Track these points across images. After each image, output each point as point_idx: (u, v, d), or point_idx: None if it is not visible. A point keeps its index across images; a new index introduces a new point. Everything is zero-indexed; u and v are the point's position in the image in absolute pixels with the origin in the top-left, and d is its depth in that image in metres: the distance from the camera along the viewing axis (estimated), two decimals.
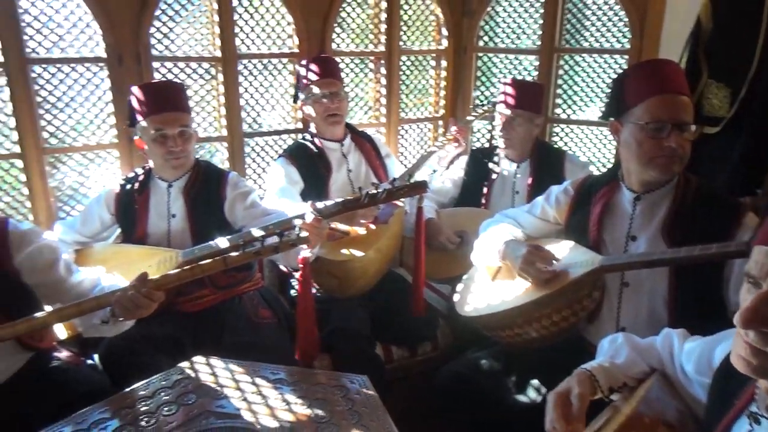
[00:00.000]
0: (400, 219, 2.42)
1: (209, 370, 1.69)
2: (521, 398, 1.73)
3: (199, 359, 1.73)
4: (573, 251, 1.78)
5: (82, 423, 1.46)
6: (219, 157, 2.98)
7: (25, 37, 2.44)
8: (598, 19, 3.08)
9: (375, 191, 1.98)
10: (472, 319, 1.88)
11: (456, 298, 1.99)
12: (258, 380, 1.63)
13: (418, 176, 2.68)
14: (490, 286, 1.93)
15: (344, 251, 2.25)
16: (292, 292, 2.51)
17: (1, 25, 2.37)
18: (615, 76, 3.01)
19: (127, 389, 1.60)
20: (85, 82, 2.62)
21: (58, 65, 2.53)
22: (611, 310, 1.73)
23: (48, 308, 1.86)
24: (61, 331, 2.11)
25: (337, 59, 2.89)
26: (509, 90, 2.64)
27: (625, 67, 3.01)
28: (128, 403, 1.54)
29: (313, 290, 2.06)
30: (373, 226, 2.30)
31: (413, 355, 2.46)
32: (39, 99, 2.53)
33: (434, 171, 2.92)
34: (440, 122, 3.47)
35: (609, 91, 1.89)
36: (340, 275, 2.24)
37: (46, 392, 1.71)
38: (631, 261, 1.64)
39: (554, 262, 1.76)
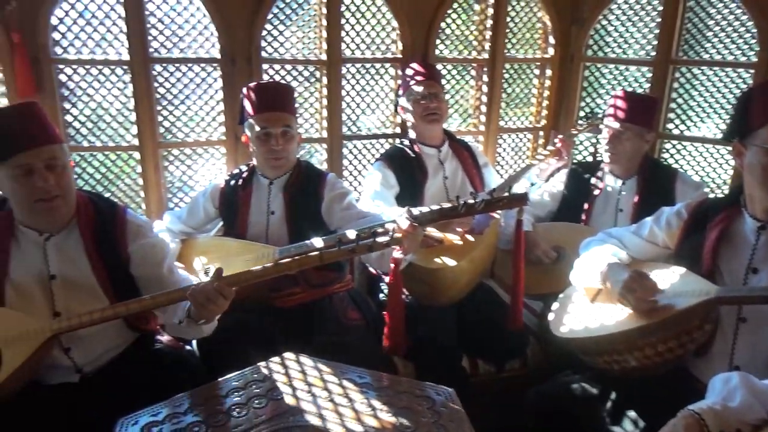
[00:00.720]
0: (495, 230, 2.36)
1: (298, 367, 1.71)
2: (616, 430, 1.63)
3: (289, 356, 1.76)
4: (683, 278, 1.66)
5: (179, 406, 1.53)
6: (317, 158, 3.05)
7: (149, 38, 2.60)
8: (722, 30, 2.87)
9: (473, 201, 1.94)
10: (568, 341, 1.79)
11: (551, 317, 1.91)
12: (345, 382, 1.63)
13: (517, 188, 2.61)
14: (588, 307, 1.83)
15: (437, 259, 2.22)
16: (381, 296, 2.51)
17: (130, 26, 2.54)
18: (737, 91, 2.82)
19: (221, 378, 1.65)
20: (200, 81, 2.75)
21: (177, 64, 2.68)
22: (724, 346, 1.59)
23: None
24: None
25: (439, 66, 2.87)
26: (620, 102, 2.51)
27: (750, 82, 2.78)
28: (221, 393, 1.59)
29: (402, 295, 2.04)
30: (469, 237, 2.26)
31: (500, 371, 2.39)
32: (157, 96, 2.70)
33: (533, 183, 2.83)
34: (541, 133, 3.37)
35: (732, 109, 1.73)
36: (430, 283, 2.21)
37: (147, 372, 1.81)
38: (752, 295, 1.50)
39: (657, 293, 1.64)
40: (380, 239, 1.68)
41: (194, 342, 2.10)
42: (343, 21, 2.83)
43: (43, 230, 1.77)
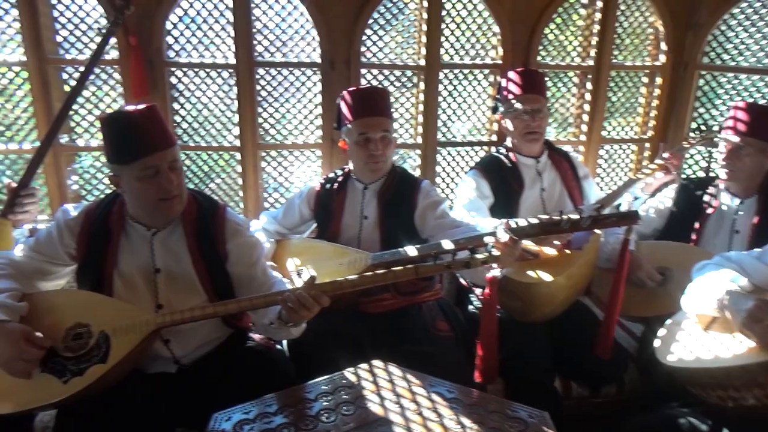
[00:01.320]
0: (595, 246, 2.23)
1: (386, 376, 1.69)
2: None
3: (378, 364, 1.75)
4: None
5: (270, 406, 1.55)
6: (410, 164, 3.03)
7: (254, 42, 2.68)
8: None
9: (578, 217, 1.85)
10: (675, 370, 1.66)
11: (657, 343, 1.78)
12: (434, 396, 1.59)
13: (621, 203, 2.46)
14: (701, 336, 1.69)
15: (531, 273, 2.13)
16: (470, 308, 2.45)
17: (237, 31, 2.63)
18: None
19: (311, 382, 1.66)
20: (299, 85, 2.82)
21: (279, 68, 2.76)
22: None
23: None
24: None
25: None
26: (741, 114, 2.31)
27: None
28: (310, 396, 1.60)
29: (497, 316, 1.97)
30: (567, 251, 2.15)
31: (595, 396, 2.26)
32: (259, 98, 2.78)
33: (637, 198, 2.66)
34: (647, 145, 3.18)
35: None
36: (524, 298, 2.13)
37: (239, 368, 1.84)
38: None
39: None
40: (478, 256, 1.64)
41: (284, 342, 2.13)
42: (443, 26, 2.80)
43: (152, 225, 1.86)
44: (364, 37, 2.76)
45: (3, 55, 2.59)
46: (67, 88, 2.65)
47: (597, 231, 2.20)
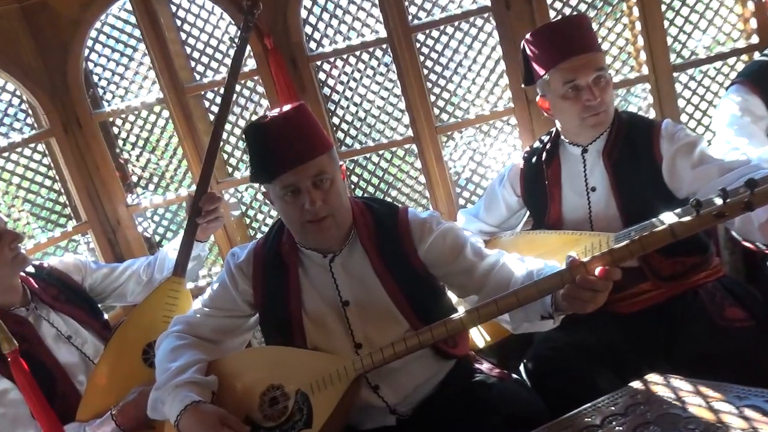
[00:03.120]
0: None
1: (671, 393, 1.56)
2: None
3: (654, 378, 1.62)
4: None
5: None
6: (638, 105, 2.87)
7: (406, 3, 2.70)
8: None
9: None
10: None
11: None
12: (748, 411, 1.41)
13: None
14: None
15: None
16: None
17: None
18: None
19: (568, 415, 1.57)
20: (470, 41, 2.80)
21: (440, 27, 2.76)
22: None
23: (462, 305, 2.01)
24: (478, 337, 2.24)
25: None
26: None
27: None
28: None
29: None
30: None
31: None
32: (425, 71, 2.80)
33: None
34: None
35: None
36: None
37: (471, 410, 1.82)
38: None
39: None
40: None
41: (522, 368, 2.10)
42: None
43: (325, 251, 1.93)
44: None
45: (141, 98, 2.93)
46: (211, 117, 2.91)
47: None
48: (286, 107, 1.86)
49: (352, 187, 2.99)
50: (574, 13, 2.69)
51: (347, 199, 1.92)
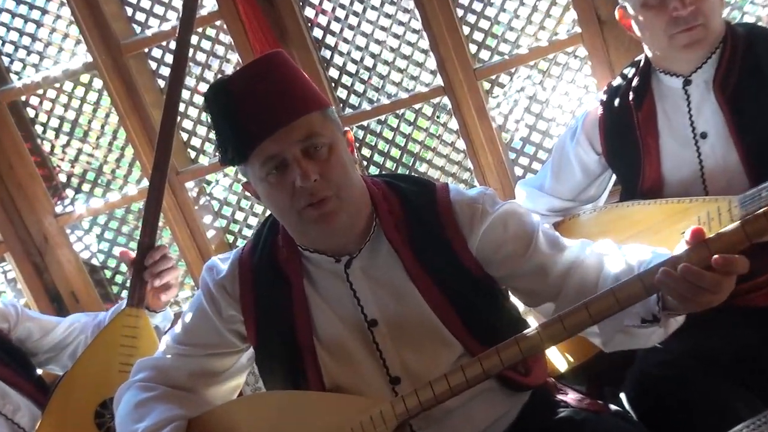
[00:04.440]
0: None
1: None
2: None
3: None
4: None
5: None
6: (751, 14, 2.87)
7: None
8: None
9: None
10: None
11: None
12: None
13: None
14: None
15: None
16: None
17: None
18: None
19: None
20: None
21: None
22: None
23: (533, 318, 2.00)
24: (558, 359, 2.23)
25: None
26: None
27: None
28: None
29: None
30: None
31: None
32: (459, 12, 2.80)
33: None
34: None
35: None
36: None
37: None
38: None
39: None
40: None
41: (622, 395, 2.10)
42: None
43: (337, 252, 1.91)
44: None
45: (62, 65, 2.95)
46: (161, 83, 2.92)
47: None
48: (253, 60, 1.85)
49: (365, 164, 3.00)
50: None
51: (358, 175, 1.90)
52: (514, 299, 2.05)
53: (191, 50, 2.72)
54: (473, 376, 1.68)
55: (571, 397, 2.00)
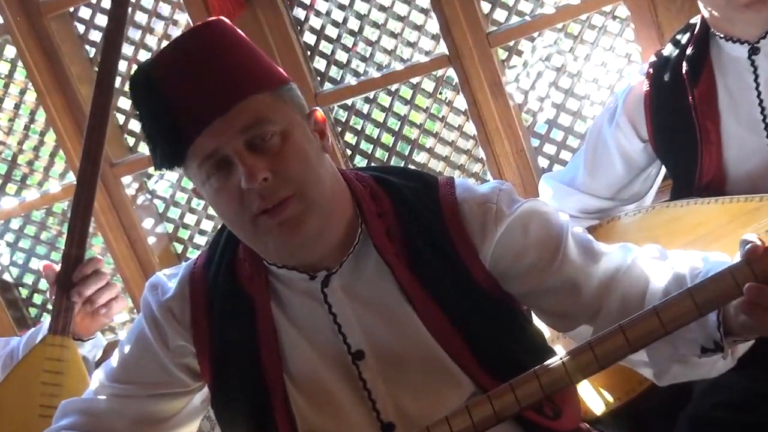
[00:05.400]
0: None
1: None
2: None
3: None
4: None
5: None
6: None
7: None
8: None
9: None
10: None
11: None
12: None
13: None
14: None
15: None
16: None
17: None
18: None
19: None
20: None
21: None
22: None
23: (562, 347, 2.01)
24: (593, 399, 2.24)
25: None
26: None
27: None
28: None
29: None
30: None
31: None
32: None
33: None
34: None
35: None
36: None
37: None
38: None
39: None
40: None
41: None
42: None
43: (310, 268, 1.91)
44: None
45: None
46: (91, 53, 2.92)
47: None
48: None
49: (349, 153, 3.01)
50: None
51: (332, 167, 1.89)
52: (538, 323, 2.06)
53: (129, 9, 2.70)
54: (482, 418, 1.66)
55: None
